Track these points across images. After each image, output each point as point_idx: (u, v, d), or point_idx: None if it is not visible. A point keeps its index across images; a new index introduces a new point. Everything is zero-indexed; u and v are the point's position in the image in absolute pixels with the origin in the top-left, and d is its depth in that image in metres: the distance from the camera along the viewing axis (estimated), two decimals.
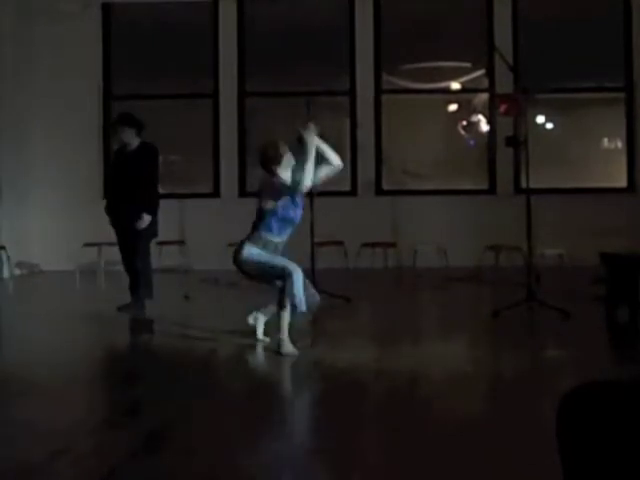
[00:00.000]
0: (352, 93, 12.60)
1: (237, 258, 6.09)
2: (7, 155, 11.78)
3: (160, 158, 8.76)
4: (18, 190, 11.99)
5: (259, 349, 6.28)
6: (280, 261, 6.01)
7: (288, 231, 6.17)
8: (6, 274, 11.39)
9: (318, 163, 6.34)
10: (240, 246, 6.11)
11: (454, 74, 12.84)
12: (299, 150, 6.37)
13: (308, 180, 6.08)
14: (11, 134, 11.88)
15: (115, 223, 8.29)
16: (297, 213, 6.18)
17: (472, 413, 4.46)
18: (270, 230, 6.08)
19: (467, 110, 12.85)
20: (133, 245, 8.13)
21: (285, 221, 6.12)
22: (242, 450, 3.82)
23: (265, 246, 6.06)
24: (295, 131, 6.44)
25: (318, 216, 8.95)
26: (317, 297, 6.22)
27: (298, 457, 3.71)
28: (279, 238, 6.12)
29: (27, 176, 12.23)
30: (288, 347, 5.91)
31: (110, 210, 8.34)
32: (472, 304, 8.94)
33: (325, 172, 6.46)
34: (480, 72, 12.66)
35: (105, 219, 8.43)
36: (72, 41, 12.44)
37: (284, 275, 5.91)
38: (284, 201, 6.09)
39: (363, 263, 11.26)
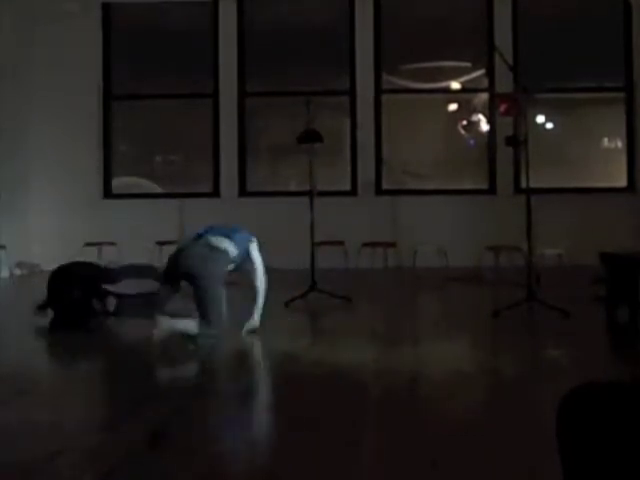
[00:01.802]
0: (352, 93, 12.60)
1: None
2: (7, 155, 11.78)
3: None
4: (18, 190, 11.99)
5: (258, 349, 6.29)
6: None
7: None
8: (6, 274, 11.39)
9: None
10: None
11: (454, 74, 12.84)
12: None
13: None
14: (11, 134, 11.88)
15: None
16: None
17: (472, 413, 4.45)
18: None
19: (467, 110, 12.85)
20: None
21: None
22: (242, 450, 3.82)
23: None
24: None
25: (318, 216, 8.95)
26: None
27: (298, 457, 3.71)
28: None
29: (27, 176, 12.23)
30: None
31: None
32: (472, 304, 8.94)
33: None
34: (480, 72, 12.66)
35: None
36: (72, 41, 12.45)
37: None
38: None
39: (363, 263, 11.27)
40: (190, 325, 6.24)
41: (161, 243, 11.70)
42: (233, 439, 4.04)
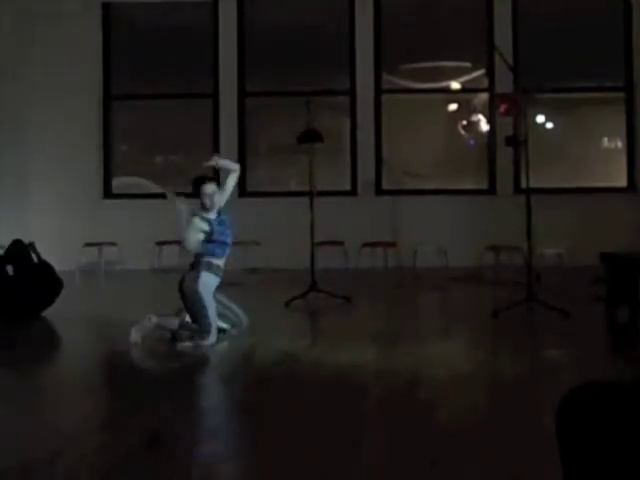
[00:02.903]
0: (352, 93, 12.60)
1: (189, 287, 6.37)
2: (7, 155, 11.79)
3: None
4: (17, 190, 11.99)
5: (258, 349, 6.29)
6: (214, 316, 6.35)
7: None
8: None
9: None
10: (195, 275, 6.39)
11: (454, 74, 12.83)
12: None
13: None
14: (11, 134, 11.89)
15: None
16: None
17: (472, 413, 4.46)
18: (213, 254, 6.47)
19: (467, 110, 12.85)
20: None
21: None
22: (242, 450, 3.82)
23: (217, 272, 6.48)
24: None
25: (318, 216, 8.95)
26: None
27: (298, 457, 3.71)
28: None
29: (27, 176, 12.23)
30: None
31: None
32: (472, 304, 8.94)
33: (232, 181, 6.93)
34: (480, 72, 12.66)
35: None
36: (72, 41, 12.44)
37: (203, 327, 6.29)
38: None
39: (363, 263, 11.26)
40: (171, 322, 6.43)
41: (161, 243, 11.71)
42: (232, 439, 4.04)
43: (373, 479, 3.46)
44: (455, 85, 12.86)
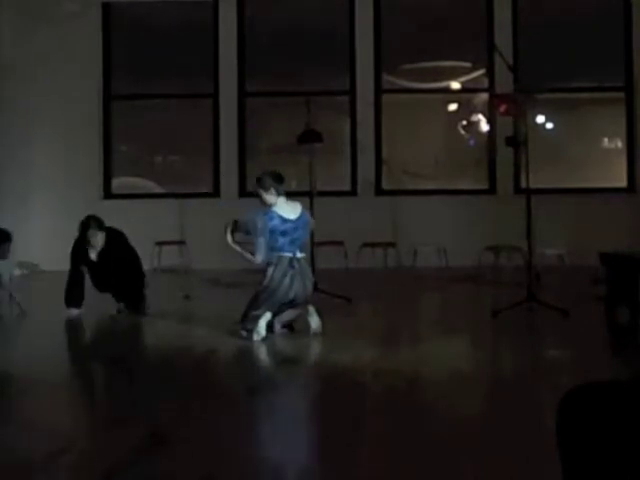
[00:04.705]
0: (352, 93, 12.60)
1: None
2: (7, 155, 11.78)
3: None
4: (18, 190, 11.98)
5: (259, 349, 6.29)
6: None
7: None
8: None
9: None
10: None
11: (454, 74, 12.84)
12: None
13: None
14: (11, 134, 11.88)
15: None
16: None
17: (472, 413, 4.46)
18: None
19: (467, 110, 12.85)
20: None
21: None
22: (242, 450, 3.82)
23: None
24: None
25: (318, 216, 8.94)
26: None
27: (298, 457, 3.71)
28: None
29: (27, 176, 12.23)
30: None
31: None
32: (472, 304, 8.94)
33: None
34: (480, 72, 12.66)
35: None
36: (72, 41, 12.44)
37: None
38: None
39: (363, 263, 11.26)
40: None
41: (161, 243, 11.71)
42: (233, 439, 4.04)
43: (373, 479, 3.46)
44: (455, 85, 12.86)
